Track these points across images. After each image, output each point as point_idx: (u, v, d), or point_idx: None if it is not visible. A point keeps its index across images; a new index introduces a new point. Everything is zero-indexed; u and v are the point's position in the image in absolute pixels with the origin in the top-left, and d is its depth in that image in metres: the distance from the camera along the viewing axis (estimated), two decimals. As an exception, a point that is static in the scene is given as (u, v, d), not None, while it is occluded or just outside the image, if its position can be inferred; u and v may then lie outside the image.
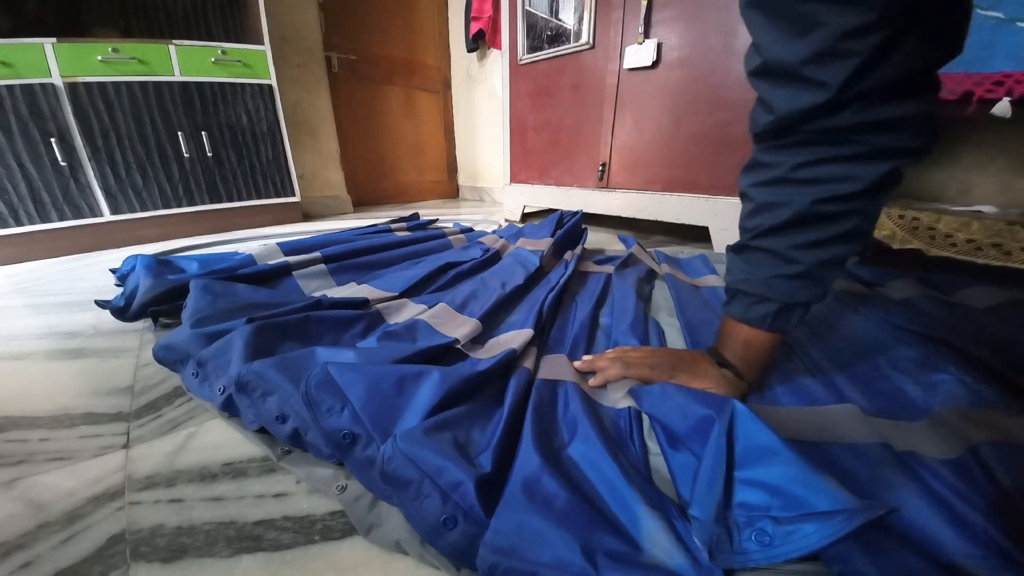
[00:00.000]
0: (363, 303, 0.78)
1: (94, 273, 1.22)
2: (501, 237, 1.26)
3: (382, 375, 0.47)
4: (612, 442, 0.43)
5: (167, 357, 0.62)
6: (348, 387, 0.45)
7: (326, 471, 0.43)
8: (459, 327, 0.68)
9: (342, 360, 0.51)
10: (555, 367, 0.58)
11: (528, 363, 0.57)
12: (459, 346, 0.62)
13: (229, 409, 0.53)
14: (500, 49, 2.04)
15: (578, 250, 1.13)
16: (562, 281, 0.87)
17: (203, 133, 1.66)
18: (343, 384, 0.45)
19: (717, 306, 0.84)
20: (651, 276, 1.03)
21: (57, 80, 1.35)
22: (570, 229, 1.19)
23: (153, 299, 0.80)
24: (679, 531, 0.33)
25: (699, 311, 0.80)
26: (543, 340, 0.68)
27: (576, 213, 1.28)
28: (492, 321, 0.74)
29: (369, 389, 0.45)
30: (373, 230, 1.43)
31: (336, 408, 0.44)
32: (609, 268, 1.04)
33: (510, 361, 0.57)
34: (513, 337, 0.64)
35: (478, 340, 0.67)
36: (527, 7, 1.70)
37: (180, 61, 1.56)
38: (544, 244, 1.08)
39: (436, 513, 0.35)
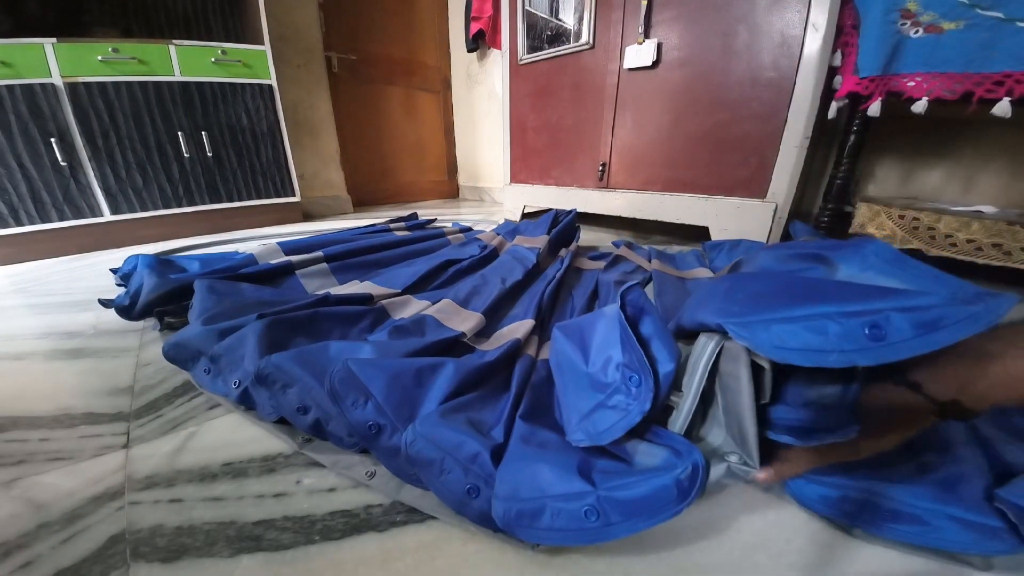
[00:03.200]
0: (368, 299, 0.79)
1: (94, 273, 1.22)
2: (498, 234, 1.27)
3: (401, 368, 0.48)
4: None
5: (178, 355, 0.63)
6: (369, 381, 0.46)
7: (352, 458, 0.45)
8: (464, 321, 0.70)
9: (361, 355, 0.53)
10: None
11: (531, 351, 0.61)
12: (466, 339, 0.65)
13: (245, 402, 0.54)
14: (500, 49, 2.04)
15: (573, 247, 1.15)
16: (558, 275, 0.91)
17: (203, 133, 1.66)
18: (364, 379, 0.46)
19: None
20: (638, 271, 1.05)
21: (57, 80, 1.35)
22: (565, 227, 1.22)
23: (158, 298, 0.80)
24: (658, 436, 0.37)
25: (678, 299, 0.84)
26: (543, 330, 0.72)
27: (570, 212, 1.30)
28: (495, 315, 0.77)
29: (390, 382, 0.46)
30: (372, 230, 1.43)
31: (360, 401, 0.45)
32: (603, 264, 1.07)
33: (515, 350, 0.60)
34: (516, 328, 0.68)
35: (483, 333, 0.70)
36: (527, 7, 1.70)
37: (180, 61, 1.56)
38: (540, 242, 1.10)
39: (460, 484, 0.37)
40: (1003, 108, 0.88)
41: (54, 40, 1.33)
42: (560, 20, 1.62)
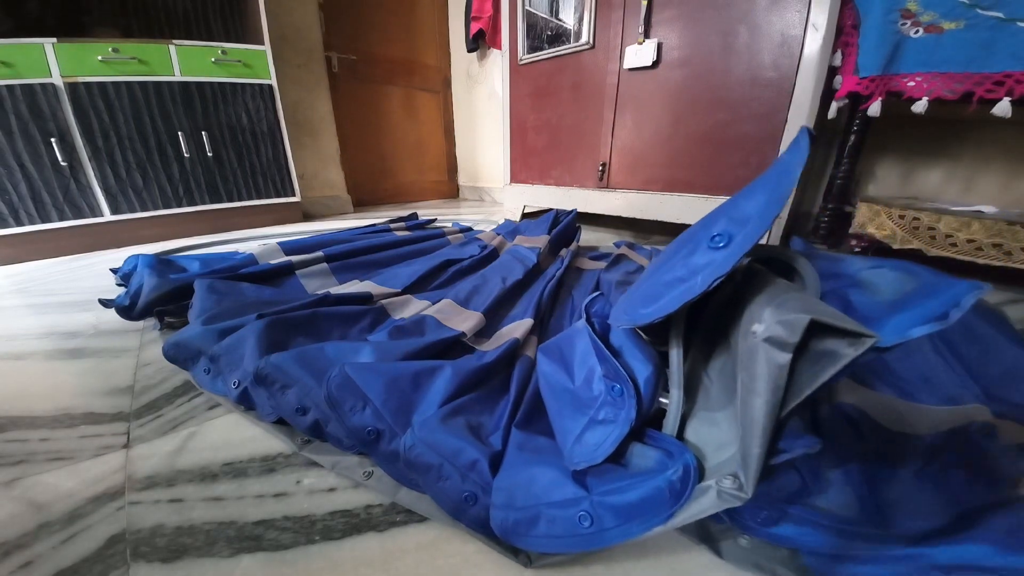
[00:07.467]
0: (367, 298, 0.79)
1: (94, 273, 1.22)
2: (498, 234, 1.27)
3: (399, 372, 0.48)
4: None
5: (178, 355, 0.63)
6: (367, 386, 0.46)
7: (351, 459, 0.45)
8: (464, 321, 0.70)
9: (360, 355, 0.53)
10: None
11: (530, 351, 0.61)
12: (466, 339, 0.65)
13: (244, 402, 0.54)
14: (500, 49, 2.04)
15: (573, 247, 1.15)
16: (558, 274, 0.91)
17: (203, 133, 1.66)
18: (362, 384, 0.46)
19: None
20: (640, 271, 1.05)
21: (57, 80, 1.35)
22: (565, 227, 1.22)
23: (158, 298, 0.80)
24: (649, 438, 0.36)
25: None
26: (543, 329, 0.71)
27: (570, 212, 1.30)
28: (495, 315, 0.77)
29: (387, 387, 0.46)
30: (372, 230, 1.43)
31: (358, 407, 0.45)
32: (603, 264, 1.07)
33: (513, 351, 0.60)
34: (515, 328, 0.67)
35: (483, 333, 0.69)
36: (527, 7, 1.70)
37: (180, 61, 1.56)
38: (540, 242, 1.10)
39: (458, 491, 0.37)
40: (1003, 108, 0.88)
41: (54, 40, 1.33)
42: (560, 20, 1.62)
